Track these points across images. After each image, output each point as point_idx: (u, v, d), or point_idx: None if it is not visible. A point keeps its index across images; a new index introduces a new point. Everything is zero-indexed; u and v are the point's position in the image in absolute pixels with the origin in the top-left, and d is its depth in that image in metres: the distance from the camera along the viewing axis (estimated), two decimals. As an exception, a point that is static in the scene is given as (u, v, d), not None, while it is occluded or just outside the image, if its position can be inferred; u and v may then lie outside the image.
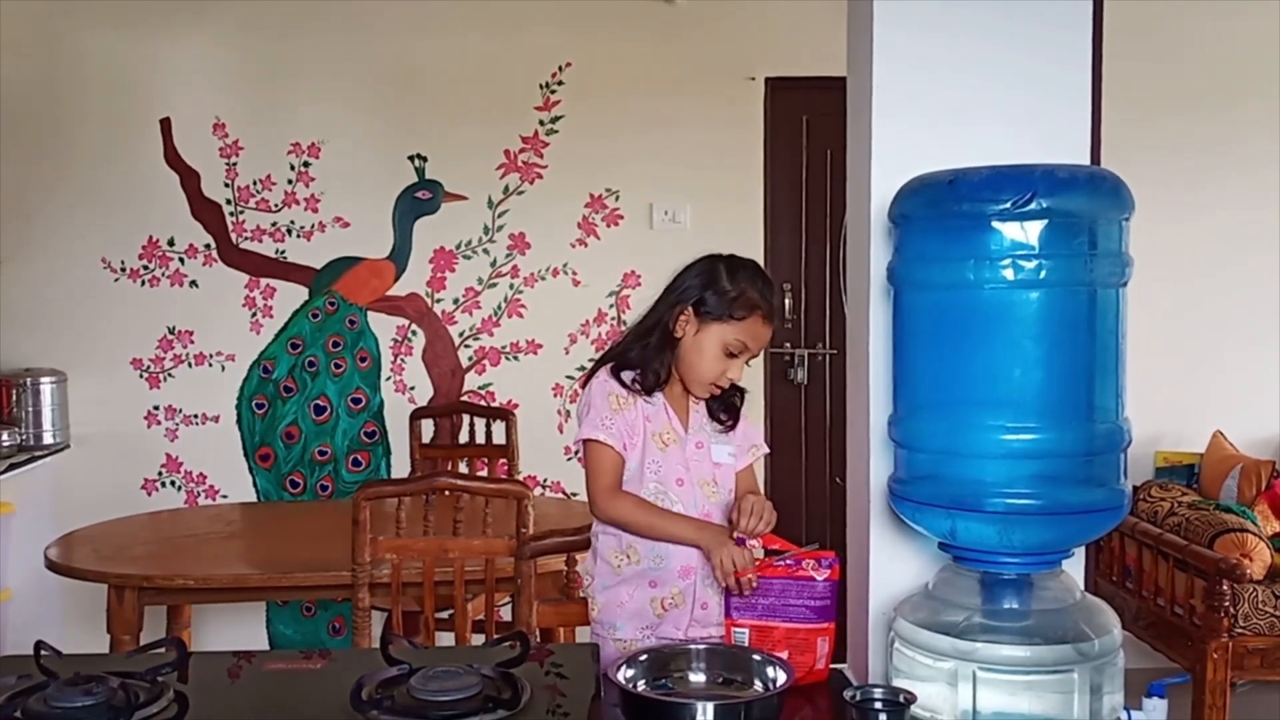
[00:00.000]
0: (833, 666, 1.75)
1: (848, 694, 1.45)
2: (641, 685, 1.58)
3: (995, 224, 1.43)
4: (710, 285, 1.94)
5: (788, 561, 1.74)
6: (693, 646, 1.70)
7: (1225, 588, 3.26)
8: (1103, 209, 1.46)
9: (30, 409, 4.08)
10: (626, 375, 1.98)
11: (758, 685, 1.59)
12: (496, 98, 4.28)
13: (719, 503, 1.99)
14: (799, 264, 4.42)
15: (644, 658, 1.63)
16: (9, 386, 4.06)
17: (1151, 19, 4.11)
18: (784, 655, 1.68)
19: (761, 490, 2.06)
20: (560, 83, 4.29)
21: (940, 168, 1.55)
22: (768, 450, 2.11)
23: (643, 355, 1.98)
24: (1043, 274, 1.43)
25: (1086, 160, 1.72)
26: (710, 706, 1.46)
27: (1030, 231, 1.42)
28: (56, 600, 3.89)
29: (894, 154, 1.72)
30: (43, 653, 1.51)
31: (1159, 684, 1.51)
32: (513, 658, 1.50)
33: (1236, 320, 4.34)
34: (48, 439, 4.11)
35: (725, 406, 2.03)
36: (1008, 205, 1.41)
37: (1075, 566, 1.65)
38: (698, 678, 1.64)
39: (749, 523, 1.82)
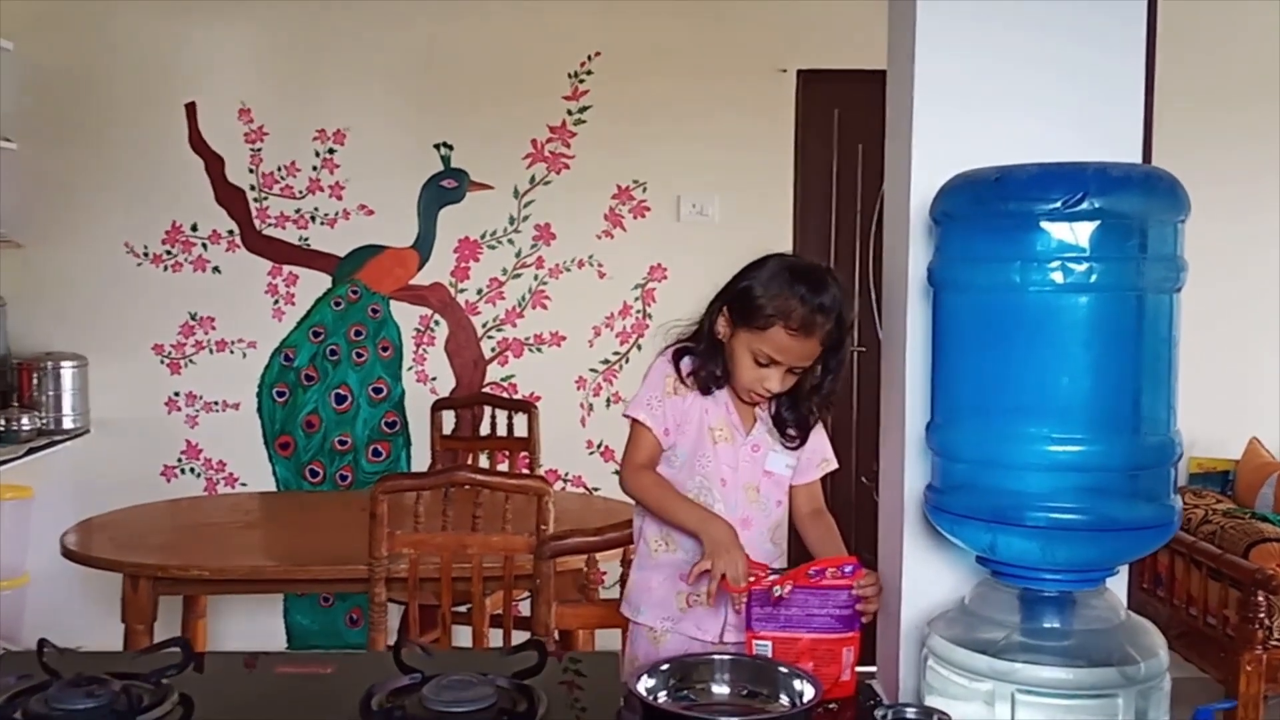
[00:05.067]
0: (864, 679, 1.68)
1: (879, 713, 1.38)
2: (663, 697, 1.52)
3: (1044, 224, 1.36)
4: (744, 288, 1.84)
5: (809, 571, 1.68)
6: (716, 657, 1.63)
7: (1260, 599, 3.19)
8: (1157, 210, 1.39)
9: (51, 393, 4.06)
10: (685, 365, 1.92)
11: (784, 700, 1.53)
12: (524, 86, 4.22)
13: (760, 511, 1.92)
14: (828, 259, 4.34)
15: (665, 668, 1.57)
16: (30, 370, 4.04)
17: (1198, 12, 4.02)
18: (809, 667, 1.62)
19: (825, 508, 1.99)
20: (589, 72, 4.23)
21: (983, 164, 1.48)
22: (836, 466, 2.01)
23: (699, 354, 1.91)
24: (1093, 277, 1.35)
25: (1137, 158, 1.64)
26: (734, 723, 1.40)
27: (1080, 233, 1.35)
28: (75, 585, 3.87)
29: (935, 149, 1.65)
30: (46, 650, 1.47)
31: (1206, 709, 1.44)
32: (529, 667, 1.45)
33: (1275, 324, 4.25)
34: (68, 423, 4.09)
35: (797, 422, 1.94)
36: (1058, 205, 1.34)
37: (1118, 584, 1.58)
38: (721, 690, 1.58)
39: (871, 590, 1.69)
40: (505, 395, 4.25)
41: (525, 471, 3.80)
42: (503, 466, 3.93)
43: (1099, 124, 1.65)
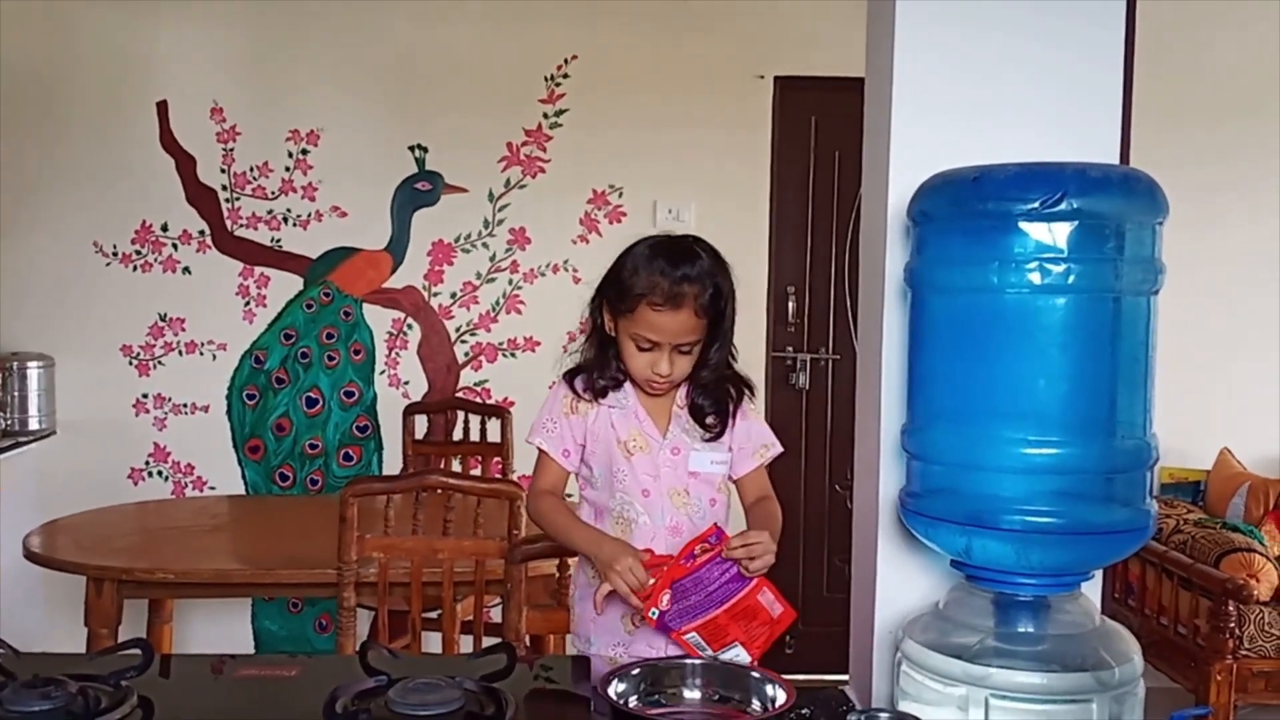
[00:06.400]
0: (838, 686, 1.67)
1: (851, 719, 1.37)
2: (633, 701, 1.49)
3: (1022, 225, 1.36)
4: (613, 275, 1.82)
5: (682, 560, 1.69)
6: (688, 662, 1.61)
7: (1231, 609, 3.21)
8: (1136, 212, 1.39)
9: (16, 393, 4.01)
10: (579, 382, 1.89)
11: (756, 705, 1.51)
12: (500, 89, 4.20)
13: (693, 514, 1.86)
14: (804, 266, 4.35)
15: (636, 672, 1.55)
16: (-5, 370, 3.99)
17: (1173, 28, 4.04)
18: (742, 634, 1.65)
19: (773, 494, 1.91)
20: (565, 75, 4.21)
21: (961, 165, 1.47)
22: (781, 450, 1.92)
23: (589, 358, 1.88)
24: (1071, 279, 1.35)
25: (1115, 158, 1.64)
26: (706, 728, 1.38)
27: (1059, 234, 1.35)
28: (40, 588, 3.82)
29: (913, 150, 1.64)
30: (1, 651, 1.43)
31: (1180, 714, 1.43)
32: (497, 670, 1.42)
33: (1246, 335, 4.28)
34: (33, 424, 4.04)
35: (715, 407, 1.87)
36: (1036, 205, 1.34)
37: (1093, 589, 1.57)
38: (692, 695, 1.56)
39: (742, 553, 1.67)
40: (478, 400, 4.22)
41: (498, 477, 3.77)
42: (475, 472, 3.90)
43: (1077, 130, 1.65)
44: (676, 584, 1.67)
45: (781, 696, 1.48)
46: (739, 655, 1.67)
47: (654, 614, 1.67)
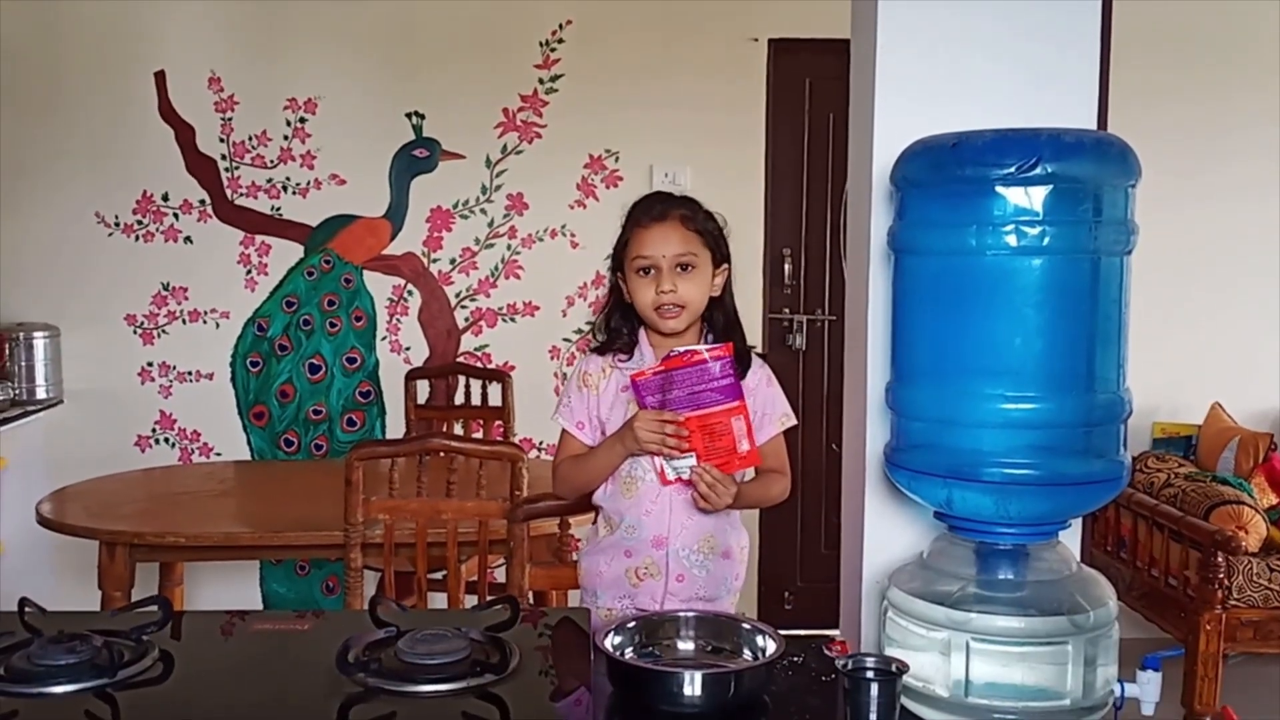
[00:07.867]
0: (825, 634, 1.73)
1: (839, 662, 1.43)
2: (629, 653, 1.56)
3: (999, 189, 1.40)
4: (615, 246, 1.96)
5: (678, 351, 1.78)
6: (681, 614, 1.67)
7: (1220, 560, 3.25)
8: (1109, 175, 1.44)
9: (23, 363, 4.05)
10: (604, 357, 1.96)
11: (746, 654, 1.57)
12: (496, 55, 4.22)
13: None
14: (799, 228, 4.38)
15: (631, 625, 1.61)
16: (1, 340, 4.04)
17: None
18: (701, 449, 1.74)
19: (787, 470, 1.93)
20: (561, 40, 4.23)
21: (944, 127, 1.52)
22: (796, 423, 1.95)
23: (602, 324, 1.98)
24: (1046, 241, 1.40)
25: (1093, 123, 1.69)
26: (698, 676, 1.44)
27: (1034, 197, 1.40)
28: (49, 555, 3.88)
29: (897, 116, 1.69)
30: (27, 609, 1.49)
31: (1153, 657, 1.49)
32: (502, 621, 1.49)
33: (1237, 291, 4.31)
34: (41, 394, 4.09)
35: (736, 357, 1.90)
36: (1012, 170, 1.39)
37: (1071, 538, 1.63)
38: (686, 646, 1.63)
39: (705, 484, 1.77)
40: (479, 365, 4.27)
41: (499, 439, 3.82)
42: (477, 435, 3.96)
43: (1056, 93, 1.69)
44: (668, 373, 1.76)
45: (771, 646, 1.54)
46: (688, 461, 1.77)
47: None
